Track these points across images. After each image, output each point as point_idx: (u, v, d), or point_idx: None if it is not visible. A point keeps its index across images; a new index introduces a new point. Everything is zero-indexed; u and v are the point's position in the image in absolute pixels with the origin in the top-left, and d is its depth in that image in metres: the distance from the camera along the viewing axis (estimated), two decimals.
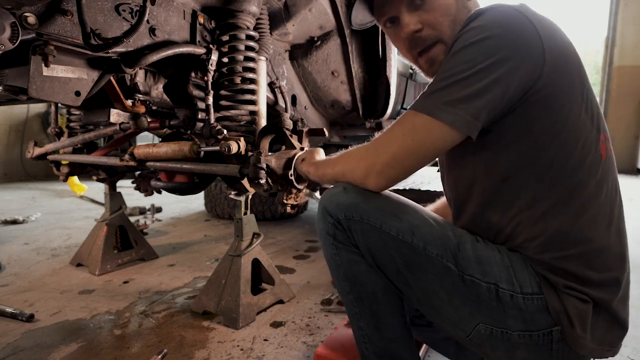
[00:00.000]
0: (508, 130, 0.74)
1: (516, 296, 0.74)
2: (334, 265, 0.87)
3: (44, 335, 1.39)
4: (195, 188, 1.55)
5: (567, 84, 0.71)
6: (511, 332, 0.74)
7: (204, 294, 1.56)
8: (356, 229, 0.79)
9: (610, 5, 6.54)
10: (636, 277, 1.98)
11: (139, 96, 1.53)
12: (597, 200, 0.73)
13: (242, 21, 1.37)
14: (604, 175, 0.74)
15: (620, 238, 0.76)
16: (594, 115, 0.74)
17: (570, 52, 0.73)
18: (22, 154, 5.77)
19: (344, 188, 0.82)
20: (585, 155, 0.72)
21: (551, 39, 0.70)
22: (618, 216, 0.77)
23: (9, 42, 0.81)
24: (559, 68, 0.70)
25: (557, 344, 0.74)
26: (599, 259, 0.73)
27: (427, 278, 0.77)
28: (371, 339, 0.88)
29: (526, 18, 0.70)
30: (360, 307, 0.87)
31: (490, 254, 0.76)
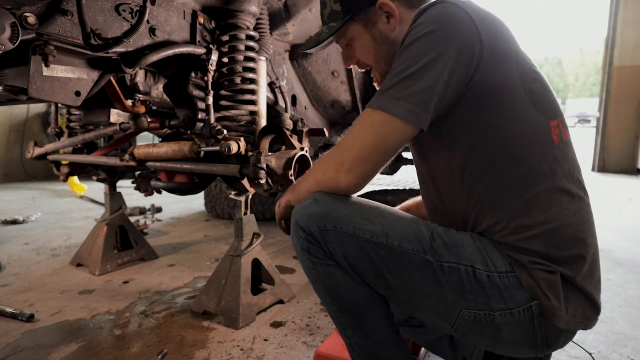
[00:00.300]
0: (458, 121, 0.79)
1: (492, 275, 0.76)
2: (312, 278, 0.87)
3: (44, 335, 1.39)
4: (195, 188, 1.55)
5: (504, 77, 0.76)
6: (493, 312, 0.76)
7: (204, 294, 1.56)
8: (330, 239, 0.80)
9: (610, 5, 6.53)
10: (636, 277, 1.98)
11: (139, 96, 1.53)
12: (552, 182, 0.77)
13: (242, 21, 1.37)
14: (557, 158, 0.78)
15: (580, 217, 0.78)
16: (542, 104, 0.79)
17: (508, 48, 0.78)
18: (22, 154, 5.77)
19: (314, 199, 0.82)
20: (534, 142, 0.77)
21: (489, 34, 0.75)
22: (577, 197, 0.79)
23: (9, 42, 0.81)
24: (496, 62, 0.75)
25: (538, 318, 0.76)
26: (560, 237, 0.76)
27: (407, 275, 0.79)
28: (360, 345, 0.89)
29: (466, 13, 0.75)
30: (344, 317, 0.88)
31: (462, 237, 0.79)
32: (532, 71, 0.80)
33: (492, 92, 0.76)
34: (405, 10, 0.89)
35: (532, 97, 0.78)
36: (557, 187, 0.77)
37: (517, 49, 0.80)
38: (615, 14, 6.46)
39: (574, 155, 0.84)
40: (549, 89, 0.82)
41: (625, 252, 2.41)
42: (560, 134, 0.80)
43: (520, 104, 0.77)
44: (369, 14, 0.90)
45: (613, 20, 6.49)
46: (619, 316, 1.55)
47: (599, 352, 1.29)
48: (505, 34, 0.79)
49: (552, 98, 0.82)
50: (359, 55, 0.96)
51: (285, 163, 1.31)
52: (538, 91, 0.79)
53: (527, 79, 0.78)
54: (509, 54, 0.77)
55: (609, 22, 6.57)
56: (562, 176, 0.78)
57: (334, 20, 0.94)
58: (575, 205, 0.78)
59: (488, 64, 0.74)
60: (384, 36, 0.91)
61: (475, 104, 0.77)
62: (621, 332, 1.43)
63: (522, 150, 0.77)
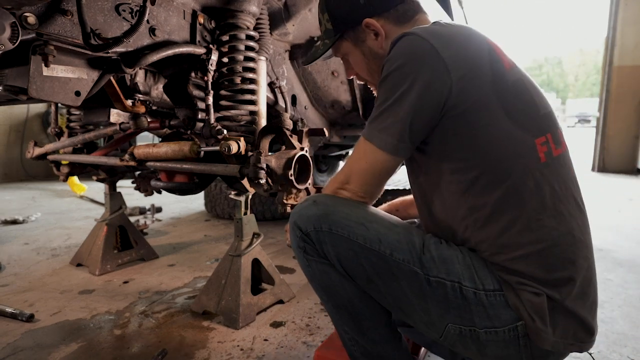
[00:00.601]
0: (439, 145, 0.81)
1: (479, 293, 0.76)
2: (308, 276, 0.90)
3: (44, 335, 1.39)
4: (195, 188, 1.55)
5: (478, 98, 0.75)
6: (478, 329, 0.77)
7: (204, 294, 1.56)
8: (325, 240, 0.82)
9: (610, 5, 6.53)
10: (636, 277, 1.98)
11: (139, 96, 1.53)
12: (540, 202, 0.75)
13: (242, 21, 1.37)
14: (545, 176, 0.76)
15: (572, 238, 0.76)
16: (525, 121, 0.77)
17: (480, 67, 0.77)
18: (22, 154, 5.77)
19: (313, 201, 0.85)
20: (515, 161, 0.76)
21: (455, 59, 0.75)
22: (568, 216, 0.77)
23: (9, 42, 0.81)
24: (467, 85, 0.75)
25: (524, 339, 0.76)
26: (547, 259, 0.75)
27: (396, 284, 0.80)
28: (357, 341, 0.91)
29: (429, 44, 0.76)
30: (340, 314, 0.89)
31: (452, 253, 0.79)
32: (514, 86, 0.78)
33: (466, 114, 0.76)
34: (392, 26, 0.92)
35: (512, 115, 0.76)
36: (545, 206, 0.76)
37: (494, 64, 0.78)
38: (615, 14, 6.46)
39: (569, 171, 0.81)
40: (535, 103, 0.80)
41: (625, 252, 2.41)
42: (549, 150, 0.78)
43: (497, 123, 0.76)
44: (358, 32, 0.94)
45: (613, 20, 6.48)
46: (619, 316, 1.55)
47: (599, 352, 1.29)
48: (476, 52, 0.78)
49: (540, 113, 0.80)
50: (355, 68, 1.02)
51: (285, 163, 1.31)
52: (519, 108, 0.78)
53: (506, 96, 0.77)
54: (481, 73, 0.76)
55: (609, 22, 6.56)
56: (552, 195, 0.76)
57: (327, 37, 0.99)
58: (565, 225, 0.77)
59: (458, 88, 0.75)
60: (373, 52, 0.95)
61: (452, 128, 0.78)
62: (621, 332, 1.43)
63: (502, 170, 0.76)
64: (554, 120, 0.82)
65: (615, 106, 6.55)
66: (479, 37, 0.81)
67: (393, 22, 0.92)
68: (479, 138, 0.76)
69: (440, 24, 0.83)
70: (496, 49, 0.81)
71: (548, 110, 0.82)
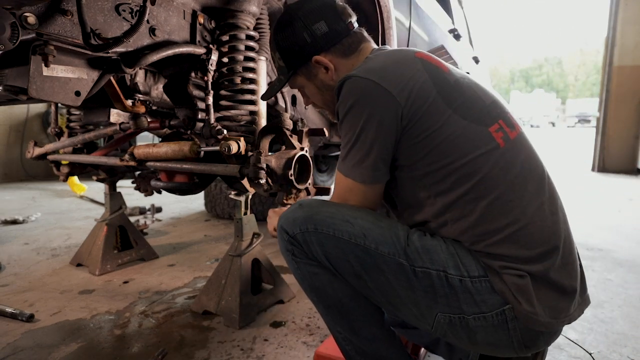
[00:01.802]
0: (405, 157, 0.86)
1: (464, 280, 0.78)
2: (298, 278, 0.91)
3: (44, 335, 1.39)
4: (195, 188, 1.55)
5: (428, 106, 0.82)
6: (467, 316, 0.78)
7: (204, 294, 1.56)
8: (312, 240, 0.84)
9: (610, 5, 6.52)
10: (636, 277, 1.98)
11: (139, 96, 1.53)
12: (507, 185, 0.80)
13: (242, 21, 1.36)
14: (508, 159, 0.81)
15: (543, 211, 0.80)
16: (474, 115, 0.83)
17: (421, 80, 0.83)
18: (22, 154, 5.77)
19: (299, 204, 0.89)
20: (477, 153, 0.80)
21: (397, 84, 0.82)
22: (537, 192, 0.81)
23: (9, 42, 0.81)
24: (415, 100, 0.82)
25: (512, 322, 0.77)
26: (526, 237, 0.78)
27: (383, 278, 0.82)
28: (351, 341, 0.92)
29: (370, 81, 0.83)
30: (332, 315, 0.91)
31: (436, 243, 0.82)
32: (456, 84, 0.85)
33: (421, 122, 0.82)
34: (340, 59, 0.98)
35: (461, 111, 0.82)
36: (513, 188, 0.80)
37: (431, 71, 0.85)
38: (615, 14, 6.46)
39: (529, 149, 0.86)
40: (479, 96, 0.86)
41: (625, 252, 2.41)
42: (505, 135, 0.83)
43: (450, 122, 0.81)
44: (309, 68, 1.00)
45: (613, 20, 6.48)
46: (619, 316, 1.55)
47: (599, 352, 1.29)
48: (410, 68, 0.85)
49: (486, 103, 0.86)
50: (311, 99, 1.08)
51: (285, 163, 1.31)
52: (466, 103, 0.84)
53: (451, 95, 0.83)
54: (424, 84, 0.83)
55: (609, 22, 6.56)
56: (517, 175, 0.81)
57: (282, 74, 1.05)
58: (536, 201, 0.80)
59: (408, 105, 0.81)
60: (325, 85, 1.01)
61: (412, 138, 0.83)
62: (621, 332, 1.43)
63: (467, 164, 0.80)
64: (501, 106, 0.88)
65: (615, 106, 6.55)
66: (407, 55, 0.89)
67: (340, 55, 0.98)
68: (437, 140, 0.81)
69: (372, 58, 0.92)
70: (429, 59, 0.88)
71: (493, 99, 0.88)
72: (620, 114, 6.53)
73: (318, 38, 0.95)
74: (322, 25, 0.95)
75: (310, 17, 0.95)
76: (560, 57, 51.31)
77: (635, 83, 6.40)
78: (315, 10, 0.95)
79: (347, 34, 0.97)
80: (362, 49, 0.99)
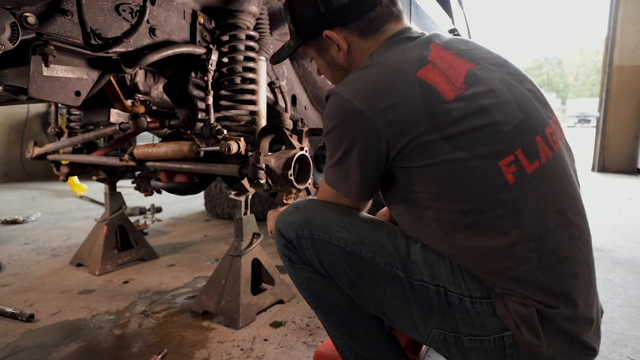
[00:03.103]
0: (403, 182, 0.78)
1: (464, 299, 0.73)
2: (296, 283, 0.89)
3: (44, 335, 1.39)
4: (195, 188, 1.55)
5: (420, 145, 0.71)
6: (462, 336, 0.74)
7: (204, 294, 1.56)
8: (307, 246, 0.81)
9: (610, 5, 6.52)
10: (636, 277, 1.98)
11: (139, 96, 1.53)
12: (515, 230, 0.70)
13: (242, 21, 1.36)
14: (516, 201, 0.70)
15: (557, 256, 0.70)
16: (484, 147, 0.70)
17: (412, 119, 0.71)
18: (22, 154, 5.77)
19: (295, 206, 0.85)
20: (480, 192, 0.70)
21: (385, 117, 0.72)
22: (552, 234, 0.70)
23: (9, 42, 0.81)
24: (405, 137, 0.71)
25: (510, 349, 0.72)
26: (531, 283, 0.70)
27: (379, 288, 0.78)
28: (350, 346, 0.90)
29: (354, 107, 0.73)
30: (330, 320, 0.89)
31: (439, 257, 0.76)
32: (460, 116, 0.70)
33: (413, 156, 0.72)
34: (356, 38, 0.86)
35: (462, 146, 0.69)
36: (522, 232, 0.69)
37: (430, 101, 0.71)
38: (615, 14, 6.45)
39: (552, 183, 0.72)
40: (495, 122, 0.71)
41: (625, 252, 2.41)
42: (519, 170, 0.70)
43: (449, 157, 0.70)
44: (320, 42, 0.90)
45: (613, 20, 6.48)
46: (619, 316, 1.55)
47: (599, 352, 1.29)
48: (404, 95, 0.72)
49: (503, 129, 0.71)
50: (322, 72, 1.00)
51: (285, 163, 1.31)
52: (472, 136, 0.70)
53: (450, 129, 0.70)
54: (414, 115, 0.71)
55: (609, 22, 6.56)
56: (530, 216, 0.70)
57: (292, 39, 0.96)
58: (548, 245, 0.70)
59: (395, 138, 0.72)
60: (336, 63, 0.91)
61: (407, 168, 0.75)
62: (621, 332, 1.43)
63: (467, 200, 0.71)
64: (528, 128, 0.72)
65: (615, 106, 6.54)
66: (408, 74, 0.74)
67: (358, 33, 0.85)
68: (431, 174, 0.72)
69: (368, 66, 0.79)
70: (432, 81, 0.72)
71: (519, 119, 0.72)
72: (620, 114, 6.52)
73: (334, 10, 0.82)
74: None
75: None
76: (560, 57, 51.32)
77: (635, 83, 6.40)
78: None
79: (371, 9, 0.82)
80: (384, 30, 0.85)
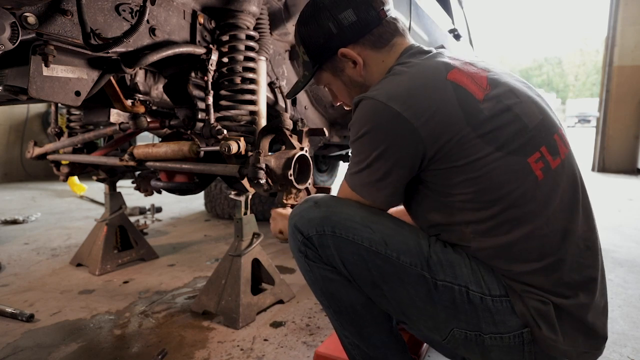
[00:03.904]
0: (436, 181, 0.79)
1: (485, 298, 0.75)
2: (309, 281, 0.88)
3: (44, 335, 1.39)
4: (195, 188, 1.55)
5: (457, 141, 0.74)
6: (483, 334, 0.76)
7: (204, 294, 1.56)
8: (328, 244, 0.80)
9: (610, 5, 6.52)
10: (636, 277, 1.98)
11: (139, 96, 1.53)
12: (542, 220, 0.74)
13: (242, 21, 1.37)
14: (545, 194, 0.75)
15: (578, 247, 0.76)
16: (512, 145, 0.74)
17: (450, 119, 0.74)
18: (22, 154, 5.77)
19: (314, 202, 0.83)
20: (512, 187, 0.74)
21: (421, 116, 0.74)
22: (573, 225, 0.76)
23: (9, 42, 0.81)
24: (441, 134, 0.74)
25: (529, 345, 0.75)
26: (554, 273, 0.74)
27: (402, 288, 0.78)
28: (358, 346, 0.90)
29: (391, 110, 0.74)
30: (342, 320, 0.88)
31: (458, 257, 0.78)
32: (491, 114, 0.75)
33: (450, 156, 0.74)
34: (370, 52, 0.89)
35: (497, 144, 0.74)
36: (549, 223, 0.74)
37: (464, 101, 0.75)
38: (615, 14, 6.46)
39: (571, 177, 0.79)
40: (521, 120, 0.76)
41: (625, 252, 2.41)
42: (545, 165, 0.75)
43: (484, 155, 0.73)
44: (335, 62, 0.92)
45: (613, 20, 6.49)
46: (619, 316, 1.55)
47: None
48: (440, 98, 0.75)
49: (528, 128, 0.76)
50: (339, 97, 1.01)
51: (285, 163, 1.31)
52: (503, 134, 0.74)
53: (484, 129, 0.74)
54: (453, 115, 0.74)
55: (609, 22, 6.56)
56: (556, 209, 0.75)
57: (306, 69, 0.98)
58: (571, 238, 0.76)
59: (432, 141, 0.74)
60: (353, 81, 0.93)
61: (441, 169, 0.77)
62: (621, 332, 1.43)
63: (501, 197, 0.74)
64: (547, 127, 0.79)
65: (615, 106, 6.55)
66: (439, 75, 0.78)
67: (370, 47, 0.89)
68: (469, 173, 0.75)
69: (397, 73, 0.81)
70: (462, 83, 0.77)
71: (539, 119, 0.78)
72: (620, 114, 6.53)
73: (345, 28, 0.86)
74: (349, 13, 0.86)
75: (337, 5, 0.86)
76: (560, 57, 51.29)
77: (635, 83, 6.40)
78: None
79: (378, 23, 0.87)
80: (394, 43, 0.89)
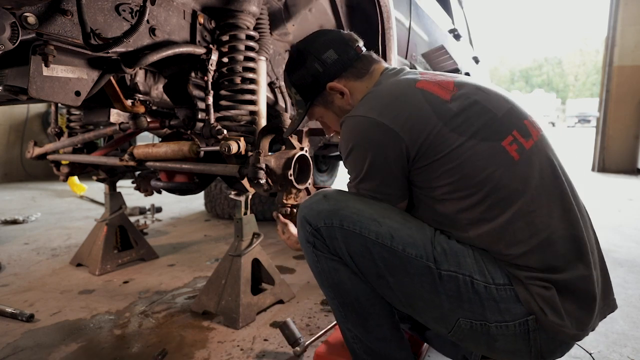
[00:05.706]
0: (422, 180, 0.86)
1: (490, 287, 0.78)
2: (316, 272, 0.92)
3: (44, 335, 1.39)
4: (195, 188, 1.55)
5: (433, 137, 0.81)
6: (489, 323, 0.78)
7: (204, 294, 1.56)
8: (336, 236, 0.84)
9: (610, 5, 6.52)
10: (636, 277, 1.98)
11: (139, 96, 1.53)
12: (526, 198, 0.78)
13: (242, 21, 1.36)
14: (524, 172, 0.80)
15: (566, 221, 0.79)
16: (484, 132, 0.81)
17: (423, 119, 0.82)
18: (22, 154, 5.77)
19: (323, 195, 0.89)
20: (492, 171, 0.79)
21: (399, 120, 0.82)
22: (559, 200, 0.80)
23: (9, 42, 0.81)
24: (418, 132, 0.81)
25: (534, 332, 0.77)
26: (549, 248, 0.77)
27: (407, 280, 0.81)
28: (361, 339, 0.92)
29: (371, 119, 0.84)
30: (346, 312, 0.90)
31: (462, 247, 0.81)
32: (459, 109, 0.82)
33: (430, 151, 0.81)
34: (354, 82, 0.99)
35: (469, 133, 0.80)
36: (533, 199, 0.78)
37: (433, 103, 0.83)
38: (615, 14, 6.45)
39: (547, 156, 0.84)
40: (489, 110, 0.83)
41: (625, 252, 2.41)
42: (520, 147, 0.81)
43: (460, 145, 0.80)
44: (325, 96, 1.01)
45: (613, 20, 6.48)
46: (619, 316, 1.55)
47: (599, 352, 1.29)
48: (412, 103, 0.84)
49: (497, 116, 0.83)
50: (332, 128, 1.10)
51: (285, 163, 1.31)
52: (474, 124, 0.81)
53: (455, 122, 0.81)
54: (426, 116, 0.82)
55: (609, 22, 6.56)
56: (537, 185, 0.79)
57: (300, 108, 1.07)
58: (558, 208, 0.79)
59: (412, 139, 0.81)
60: (343, 110, 1.01)
61: (425, 166, 0.83)
62: (621, 332, 1.43)
63: (484, 182, 0.79)
64: (517, 114, 0.85)
65: (615, 106, 6.55)
66: (408, 87, 0.87)
67: (353, 78, 0.99)
68: (448, 164, 0.80)
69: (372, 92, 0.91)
70: (430, 89, 0.86)
71: (508, 107, 0.85)
72: (620, 114, 6.53)
73: (329, 65, 0.97)
74: (331, 53, 0.97)
75: (319, 48, 0.98)
76: (560, 57, 51.28)
77: (635, 83, 6.40)
78: (323, 42, 0.99)
79: (357, 58, 0.99)
80: (373, 70, 1.00)
